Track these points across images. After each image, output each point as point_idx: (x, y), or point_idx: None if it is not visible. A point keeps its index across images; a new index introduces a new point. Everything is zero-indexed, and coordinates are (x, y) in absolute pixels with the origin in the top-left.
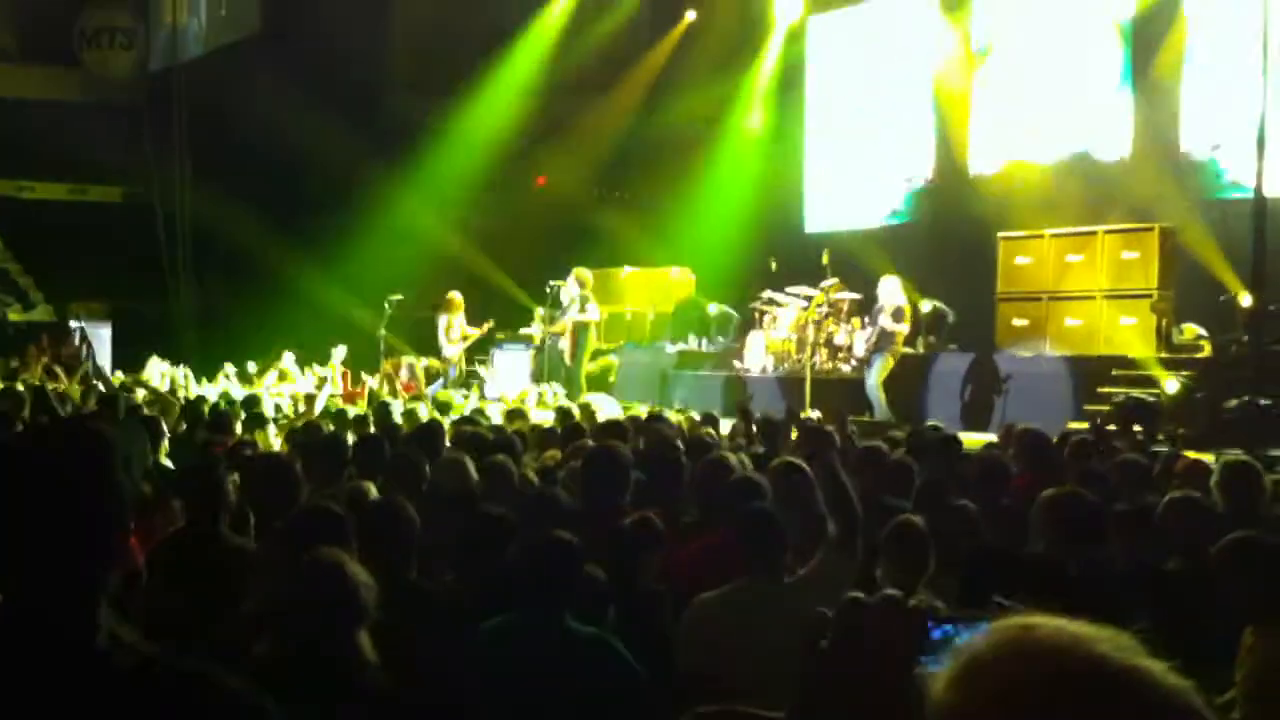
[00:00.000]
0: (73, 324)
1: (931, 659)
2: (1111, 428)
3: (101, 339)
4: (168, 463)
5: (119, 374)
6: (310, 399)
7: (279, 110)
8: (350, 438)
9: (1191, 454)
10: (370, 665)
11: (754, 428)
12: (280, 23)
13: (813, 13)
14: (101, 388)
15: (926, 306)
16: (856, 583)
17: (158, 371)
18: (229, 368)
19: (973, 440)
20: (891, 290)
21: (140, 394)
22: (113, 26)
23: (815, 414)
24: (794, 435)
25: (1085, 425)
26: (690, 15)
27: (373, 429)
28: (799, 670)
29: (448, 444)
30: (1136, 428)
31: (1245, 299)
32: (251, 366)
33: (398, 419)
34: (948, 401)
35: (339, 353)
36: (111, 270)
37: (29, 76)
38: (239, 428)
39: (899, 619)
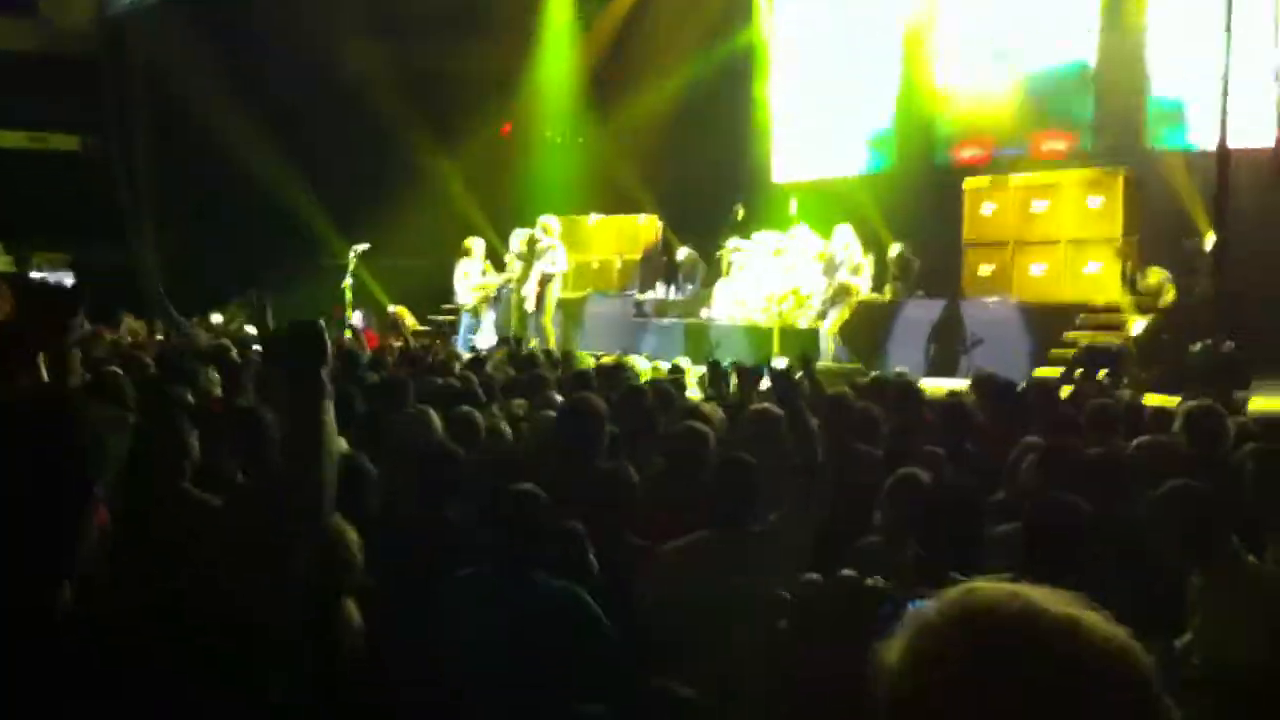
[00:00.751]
0: (34, 274)
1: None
2: (1076, 372)
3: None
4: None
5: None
6: None
7: (237, 56)
8: None
9: (1156, 398)
10: (355, 632)
11: (724, 377)
12: None
13: None
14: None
15: (894, 250)
16: (818, 533)
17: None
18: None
19: (938, 387)
20: (846, 241)
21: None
22: None
23: (782, 362)
24: (763, 384)
25: (1054, 371)
26: None
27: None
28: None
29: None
30: (1101, 373)
31: (1209, 242)
32: (217, 318)
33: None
34: (913, 349)
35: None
36: (73, 220)
37: None
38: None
39: (856, 599)
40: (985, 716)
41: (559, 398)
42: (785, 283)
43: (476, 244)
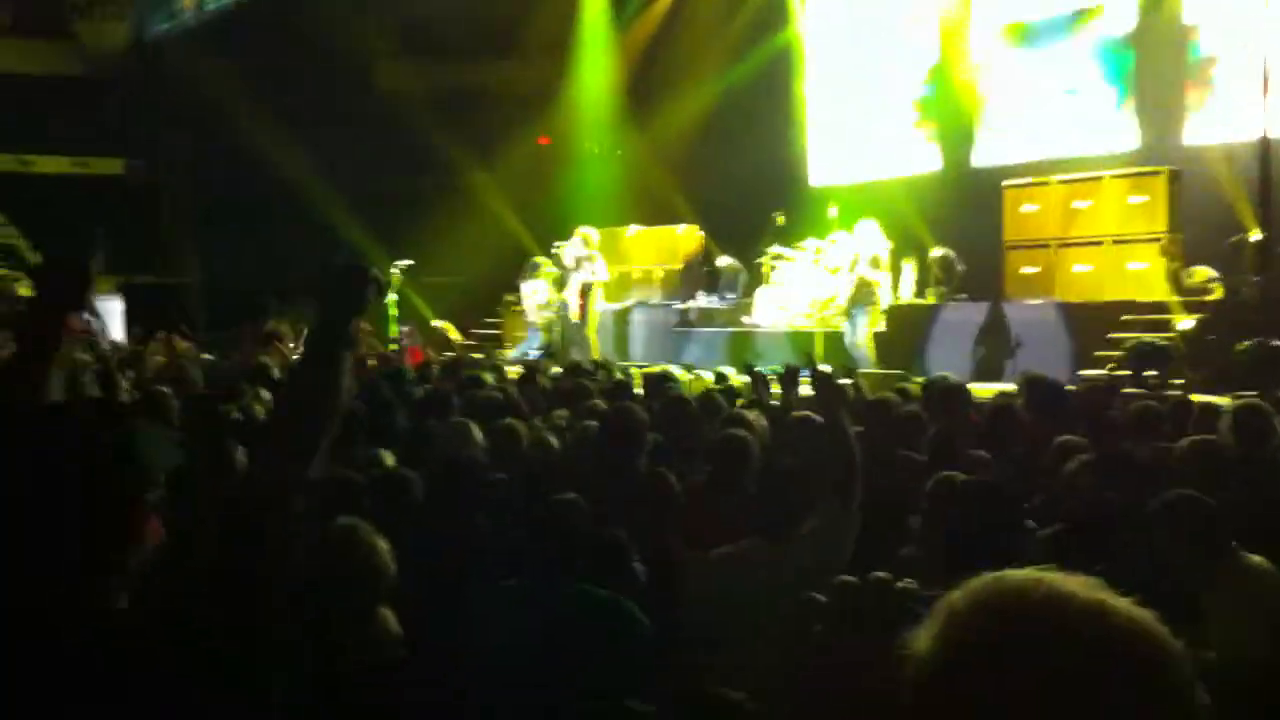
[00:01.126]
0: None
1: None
2: (1123, 373)
3: (113, 313)
4: None
5: None
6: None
7: (273, 78)
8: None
9: (1203, 398)
10: (393, 640)
11: (765, 384)
12: None
13: None
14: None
15: (936, 254)
16: (856, 537)
17: None
18: None
19: (983, 391)
20: (868, 236)
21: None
22: None
23: (826, 368)
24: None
25: (1099, 373)
26: None
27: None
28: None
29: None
30: (1149, 372)
31: (1254, 237)
32: None
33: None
34: (956, 352)
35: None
36: (118, 243)
37: (25, 50)
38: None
39: (887, 600)
40: (1013, 701)
41: (603, 406)
42: (827, 288)
43: (543, 262)
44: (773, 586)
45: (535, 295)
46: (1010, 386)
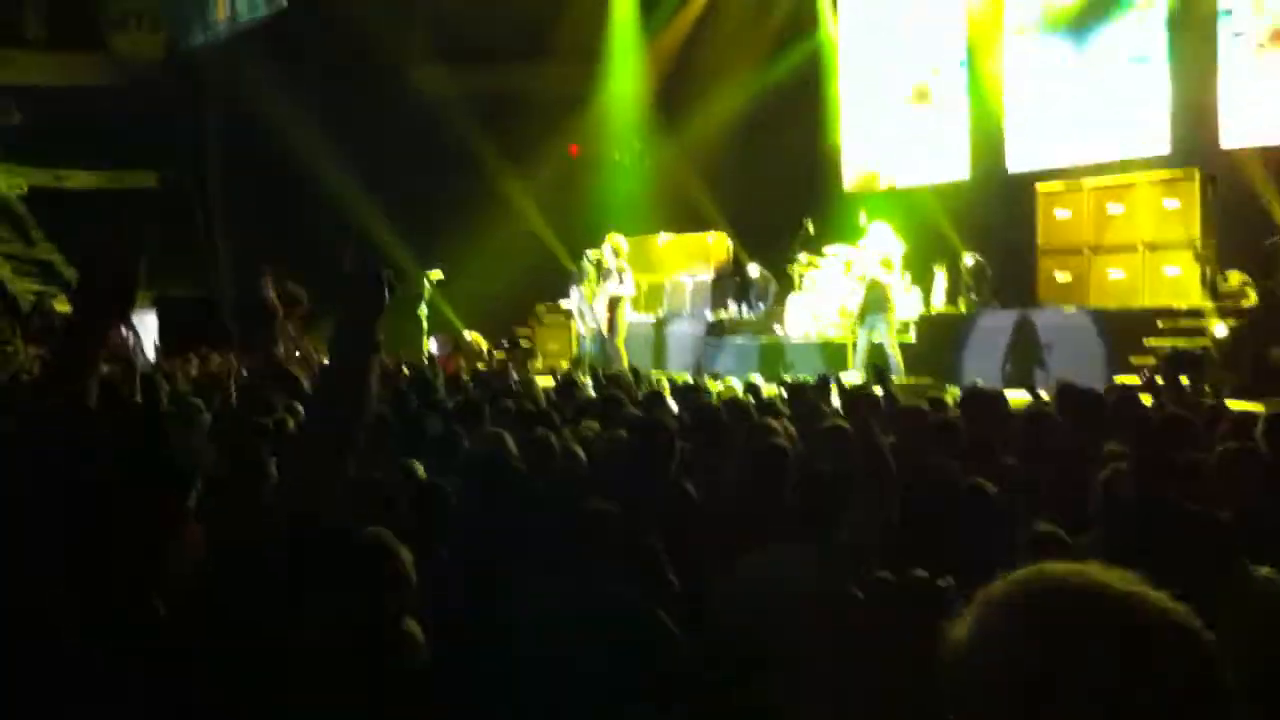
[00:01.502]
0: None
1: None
2: (1158, 380)
3: (148, 327)
4: None
5: None
6: None
7: (307, 88)
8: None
9: (1239, 404)
10: (418, 647)
11: (798, 393)
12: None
13: None
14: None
15: (968, 260)
16: (888, 543)
17: None
18: None
19: (1017, 400)
20: (879, 238)
21: None
22: (139, 9)
23: (853, 375)
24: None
25: (1133, 379)
26: None
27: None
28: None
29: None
30: (1183, 379)
31: None
32: None
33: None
34: (989, 360)
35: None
36: (152, 257)
37: (58, 63)
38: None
39: (925, 597)
40: (1051, 689)
41: (637, 413)
42: (858, 295)
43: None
44: (806, 591)
45: (576, 303)
46: (1044, 395)
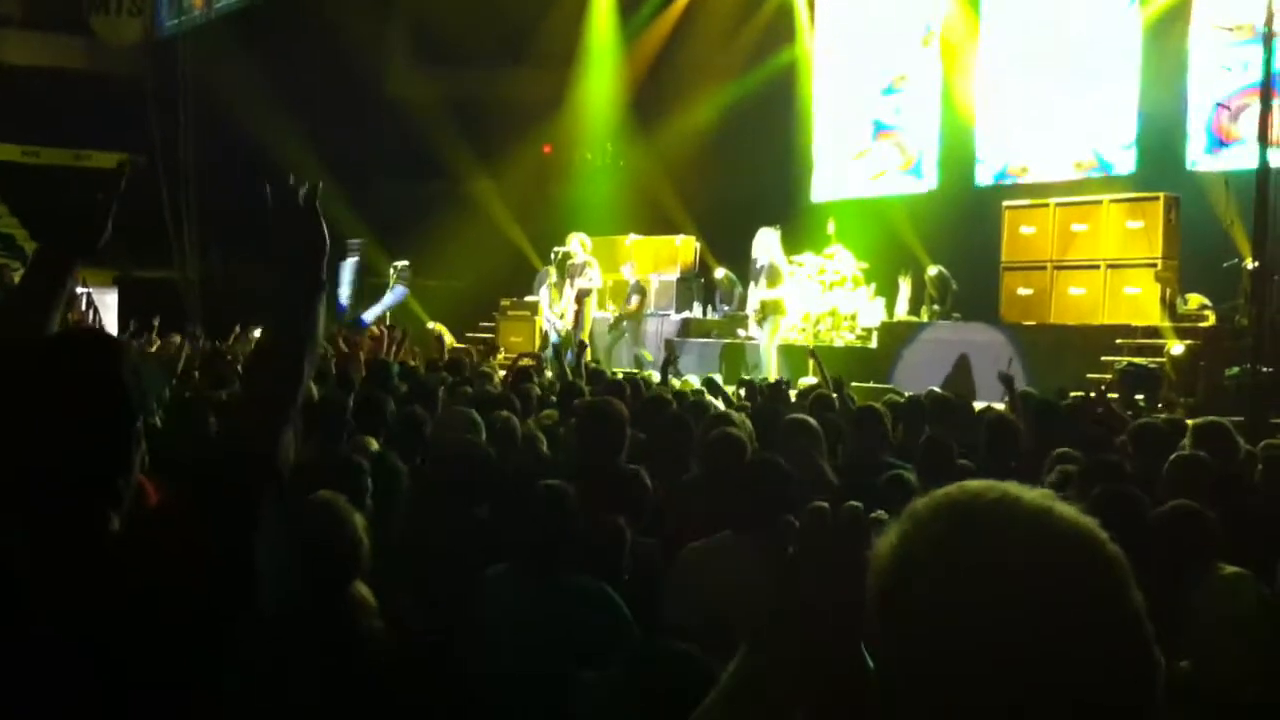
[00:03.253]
0: (79, 290)
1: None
2: (1113, 395)
3: (108, 305)
4: None
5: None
6: None
7: (283, 78)
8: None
9: (1191, 422)
10: (370, 613)
11: (757, 392)
12: None
13: None
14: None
15: (932, 272)
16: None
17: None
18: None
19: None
20: (766, 246)
21: None
22: None
23: (813, 379)
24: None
25: (1082, 394)
26: None
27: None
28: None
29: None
30: (1138, 396)
31: (1249, 265)
32: (259, 333)
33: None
34: (946, 370)
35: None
36: (116, 238)
37: (33, 43)
38: None
39: (861, 529)
40: (964, 597)
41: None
42: (822, 303)
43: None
44: (752, 580)
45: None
46: (1000, 405)
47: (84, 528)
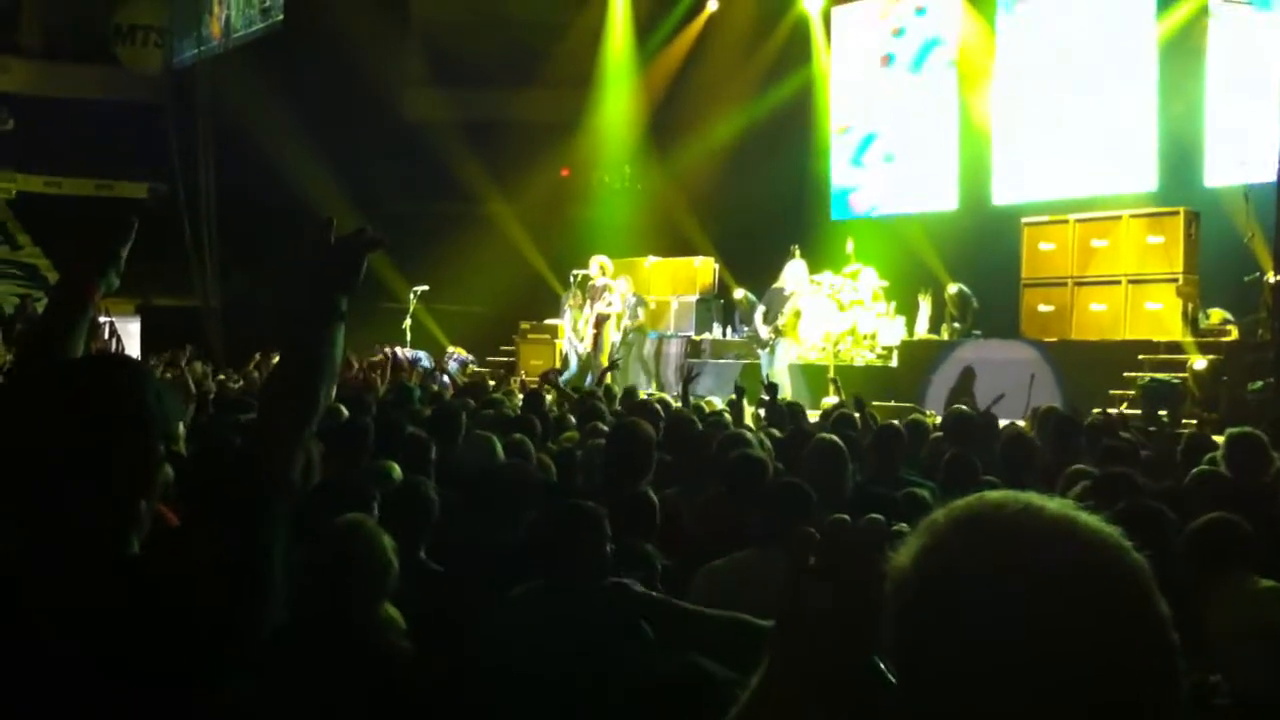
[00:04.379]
0: (101, 319)
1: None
2: (1134, 412)
3: (130, 334)
4: None
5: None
6: None
7: (300, 107)
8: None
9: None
10: (394, 631)
11: (780, 412)
12: (302, 19)
13: (835, 4)
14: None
15: (952, 289)
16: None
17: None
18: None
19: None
20: (797, 278)
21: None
22: (148, 24)
23: (835, 399)
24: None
25: (1111, 411)
26: (712, 6)
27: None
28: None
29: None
30: (1161, 411)
31: (1272, 278)
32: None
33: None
34: (971, 387)
35: None
36: (138, 266)
37: (56, 74)
38: None
39: (881, 541)
40: (986, 608)
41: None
42: (842, 322)
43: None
44: (770, 597)
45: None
46: (1021, 423)
47: (104, 549)
